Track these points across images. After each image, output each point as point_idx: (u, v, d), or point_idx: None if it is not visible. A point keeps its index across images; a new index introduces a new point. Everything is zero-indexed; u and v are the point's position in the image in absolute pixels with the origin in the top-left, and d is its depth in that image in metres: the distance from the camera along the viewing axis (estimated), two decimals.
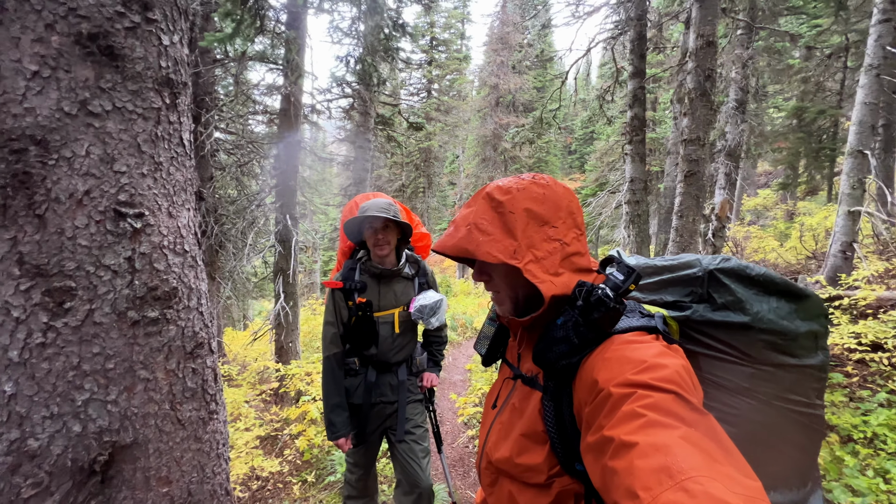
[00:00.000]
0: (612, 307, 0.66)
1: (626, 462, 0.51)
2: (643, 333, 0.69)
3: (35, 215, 0.94)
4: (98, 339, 1.01)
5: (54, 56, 0.93)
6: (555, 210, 0.77)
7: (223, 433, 1.34)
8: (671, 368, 0.59)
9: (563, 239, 0.76)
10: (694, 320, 0.80)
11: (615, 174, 13.99)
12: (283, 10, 4.23)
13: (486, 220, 0.76)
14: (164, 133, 1.13)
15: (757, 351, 0.74)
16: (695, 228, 4.20)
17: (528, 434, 0.75)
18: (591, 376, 0.64)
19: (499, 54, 20.71)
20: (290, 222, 4.84)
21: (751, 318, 0.75)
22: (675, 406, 0.54)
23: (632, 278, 0.68)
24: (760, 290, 0.77)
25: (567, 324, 0.69)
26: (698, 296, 0.80)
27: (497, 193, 0.77)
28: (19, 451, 0.93)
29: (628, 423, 0.54)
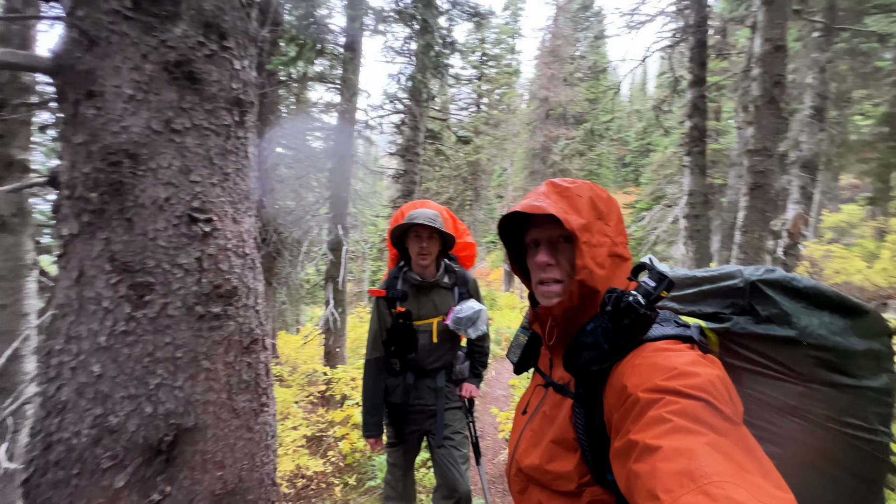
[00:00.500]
0: (642, 314, 0.65)
1: (648, 465, 0.50)
2: (677, 342, 0.67)
3: (125, 219, 1.08)
4: (170, 330, 1.12)
5: (146, 81, 1.08)
6: (610, 210, 0.79)
7: (272, 426, 1.43)
8: (703, 377, 0.57)
9: (614, 238, 0.77)
10: (735, 333, 0.76)
11: (672, 187, 13.28)
12: (341, 33, 4.53)
13: (552, 199, 0.78)
14: (233, 147, 1.25)
15: (806, 368, 0.69)
16: (761, 245, 3.89)
17: (558, 441, 0.74)
18: (621, 382, 0.64)
19: (549, 67, 20.58)
20: (342, 232, 5.07)
21: (798, 332, 0.70)
22: (705, 413, 0.53)
23: (663, 285, 0.67)
24: (809, 303, 0.72)
25: (597, 329, 0.69)
26: (740, 308, 0.77)
27: (561, 182, 0.81)
28: (101, 426, 1.06)
29: (654, 427, 0.53)
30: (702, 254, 6.73)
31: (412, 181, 7.85)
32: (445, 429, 1.88)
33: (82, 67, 1.05)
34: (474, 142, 13.08)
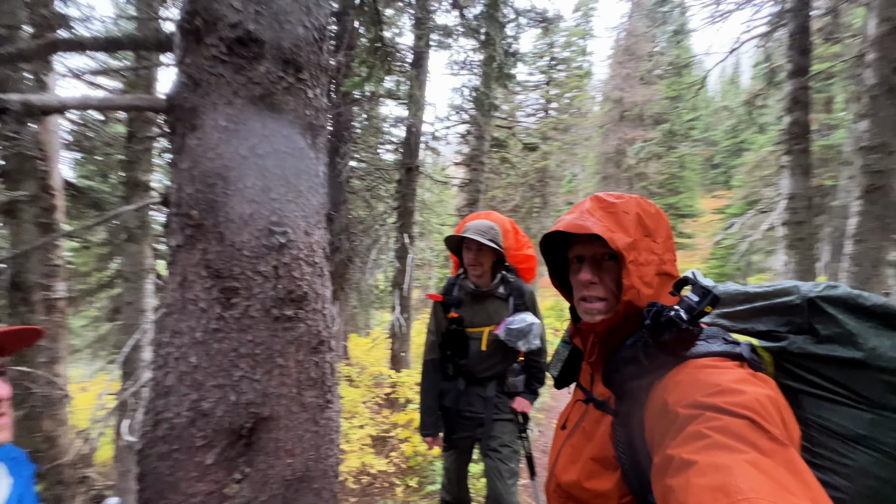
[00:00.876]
0: (683, 329, 0.63)
1: (682, 480, 0.49)
2: (724, 359, 0.64)
3: (217, 232, 1.25)
4: (251, 329, 1.28)
5: (236, 114, 1.25)
6: (658, 227, 0.77)
7: (336, 422, 1.55)
8: (750, 395, 0.54)
9: (662, 256, 0.75)
10: (791, 352, 0.70)
11: (770, 190, 11.83)
12: (408, 50, 4.77)
13: (597, 216, 0.76)
14: (305, 167, 1.39)
15: (878, 393, 0.62)
16: (880, 257, 3.34)
17: (597, 458, 0.73)
18: (662, 398, 0.62)
19: (624, 66, 19.59)
20: (408, 241, 5.28)
21: (865, 354, 0.63)
22: (748, 432, 0.50)
23: (707, 300, 0.64)
24: (879, 322, 0.65)
25: (636, 344, 0.68)
26: (797, 326, 0.71)
27: (608, 197, 0.79)
28: (196, 409, 1.23)
29: (691, 442, 0.52)
30: (806, 265, 5.91)
31: (477, 190, 7.93)
32: (493, 440, 1.88)
33: (188, 105, 1.25)
34: (541, 148, 12.85)
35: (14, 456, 0.85)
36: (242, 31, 1.25)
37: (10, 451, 0.84)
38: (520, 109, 19.57)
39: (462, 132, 8.33)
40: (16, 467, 0.81)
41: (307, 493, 1.40)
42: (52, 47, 1.15)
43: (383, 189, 7.07)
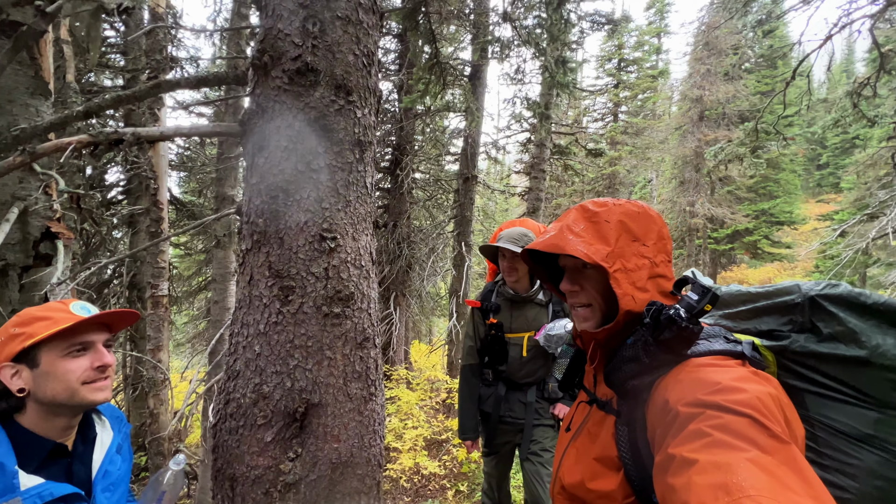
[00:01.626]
0: (683, 327, 0.63)
1: (684, 478, 0.50)
2: (725, 358, 0.64)
3: (279, 238, 1.44)
4: (304, 324, 1.44)
5: (296, 135, 1.44)
6: (647, 230, 0.76)
7: (380, 414, 1.66)
8: (751, 393, 0.54)
9: (653, 259, 0.75)
10: (793, 351, 0.69)
11: (886, 192, 10.16)
12: (466, 64, 4.92)
13: (580, 227, 0.78)
14: (354, 180, 1.54)
15: (883, 392, 0.61)
16: None
17: (601, 459, 0.74)
18: (663, 397, 0.63)
19: (703, 62, 18.16)
20: (465, 249, 5.38)
21: (868, 352, 0.62)
22: (749, 430, 0.50)
23: (707, 298, 0.64)
24: (882, 320, 0.63)
25: (637, 343, 0.68)
26: (799, 325, 0.70)
27: (591, 205, 0.80)
28: (258, 392, 1.41)
29: (692, 441, 0.52)
30: None
31: (538, 198, 7.82)
32: (534, 444, 1.87)
33: (257, 130, 1.46)
34: (608, 154, 12.31)
35: (117, 415, 1.06)
36: (301, 63, 1.44)
37: (113, 410, 1.05)
38: (587, 114, 18.95)
39: (522, 141, 8.31)
40: (117, 424, 1.02)
41: (351, 478, 1.52)
42: (156, 88, 1.42)
43: (443, 198, 7.28)
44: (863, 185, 13.40)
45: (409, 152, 6.19)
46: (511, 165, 11.74)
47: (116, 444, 0.97)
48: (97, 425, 0.96)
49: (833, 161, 23.48)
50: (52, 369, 0.81)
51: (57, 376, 0.81)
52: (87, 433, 0.93)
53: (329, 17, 1.46)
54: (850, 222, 6.80)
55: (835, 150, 23.63)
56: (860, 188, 13.68)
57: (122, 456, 0.99)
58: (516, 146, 8.78)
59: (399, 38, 5.01)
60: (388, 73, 6.30)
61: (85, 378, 0.83)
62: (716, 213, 17.24)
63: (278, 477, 1.41)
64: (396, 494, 3.57)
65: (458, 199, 5.63)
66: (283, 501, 1.41)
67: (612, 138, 17.07)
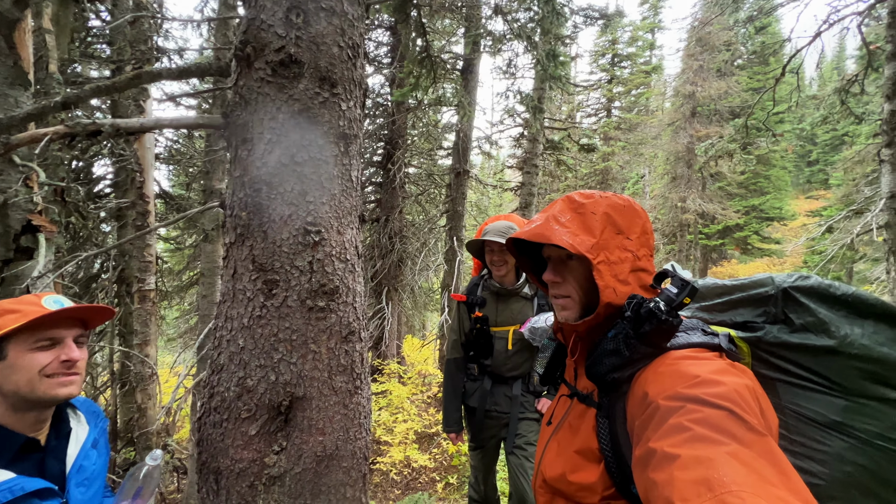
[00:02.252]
0: (663, 320, 0.64)
1: (666, 473, 0.50)
2: (703, 350, 0.65)
3: (262, 231, 1.43)
4: (289, 317, 1.44)
5: (279, 127, 1.42)
6: (631, 223, 0.77)
7: (365, 407, 1.67)
8: (728, 386, 0.55)
9: (636, 252, 0.76)
10: (767, 342, 0.70)
11: (873, 189, 10.32)
12: (458, 58, 4.89)
13: (566, 217, 0.79)
14: (339, 173, 1.54)
15: (850, 381, 0.63)
16: None
17: (582, 451, 0.75)
18: (643, 390, 0.64)
19: (696, 59, 18.22)
20: (457, 244, 5.38)
21: (837, 342, 0.64)
22: (727, 423, 0.51)
23: (686, 291, 0.65)
24: (850, 311, 0.65)
25: (618, 336, 0.69)
26: (772, 316, 0.71)
27: (578, 197, 0.81)
28: (242, 385, 1.41)
29: (673, 435, 0.53)
30: None
31: (530, 193, 7.84)
32: (519, 438, 1.89)
33: (240, 122, 1.44)
34: (601, 149, 12.35)
35: (94, 410, 1.05)
36: (285, 55, 1.42)
37: (90, 405, 1.05)
38: (580, 109, 18.96)
39: (515, 135, 8.31)
40: (93, 419, 1.01)
41: (336, 471, 1.53)
42: (137, 79, 1.40)
43: (436, 193, 7.27)
44: (850, 182, 13.60)
45: (401, 146, 6.16)
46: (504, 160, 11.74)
47: (92, 438, 0.96)
48: (72, 420, 0.95)
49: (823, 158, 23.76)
50: (17, 361, 0.80)
51: (20, 368, 0.80)
52: (61, 428, 0.92)
53: (313, 7, 1.45)
54: (836, 218, 6.91)
55: (824, 147, 23.92)
56: (848, 185, 13.89)
57: (99, 451, 0.98)
58: (509, 141, 8.77)
59: (391, 31, 4.96)
60: (380, 67, 6.24)
61: (49, 371, 0.83)
62: (707, 208, 17.40)
63: (263, 470, 1.42)
64: (387, 487, 3.60)
65: (450, 193, 5.62)
66: (268, 494, 1.42)
67: (606, 134, 17.11)
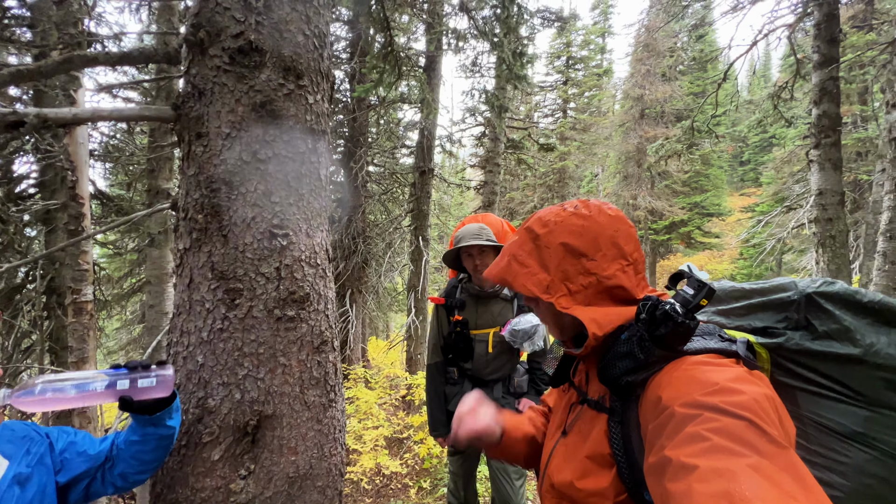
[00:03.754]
0: (679, 322, 0.61)
1: (684, 485, 0.48)
2: (720, 356, 0.62)
3: (222, 235, 1.30)
4: (254, 329, 1.32)
5: (239, 121, 1.30)
6: (593, 242, 0.74)
7: (340, 420, 1.57)
8: (748, 395, 0.53)
9: (601, 274, 0.73)
10: (788, 349, 0.69)
11: (801, 186, 11.34)
12: (420, 55, 4.81)
13: (525, 251, 0.78)
14: (307, 171, 1.43)
15: (874, 391, 0.62)
16: None
17: (592, 457, 0.72)
18: (657, 394, 0.61)
19: (644, 63, 19.19)
20: (422, 243, 5.31)
21: (862, 350, 0.63)
22: (748, 434, 0.49)
23: (703, 293, 0.63)
24: (876, 319, 0.64)
25: (632, 339, 0.66)
26: (794, 322, 0.70)
27: (536, 226, 0.79)
28: (202, 406, 1.27)
29: (691, 445, 0.50)
30: (838, 264, 5.62)
31: (493, 192, 7.89)
32: None
33: (194, 114, 1.30)
34: (559, 149, 12.71)
35: (23, 435, 0.89)
36: (244, 41, 1.29)
37: (15, 431, 0.88)
38: (537, 110, 19.41)
39: (477, 134, 8.34)
40: (21, 446, 0.85)
41: (311, 491, 1.43)
42: (68, 63, 1.22)
43: (399, 192, 7.14)
44: (780, 180, 14.84)
45: (362, 144, 5.99)
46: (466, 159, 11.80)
47: (13, 473, 0.82)
48: None
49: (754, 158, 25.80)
50: None
51: None
52: None
53: None
54: (772, 214, 7.50)
55: (755, 148, 25.99)
56: (777, 182, 15.14)
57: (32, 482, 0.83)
58: (471, 140, 8.80)
59: (350, 25, 4.80)
60: (339, 62, 6.03)
61: None
62: (656, 205, 18.40)
63: (228, 497, 1.29)
64: (357, 497, 3.48)
65: (414, 192, 5.54)
66: None
67: (562, 134, 17.63)
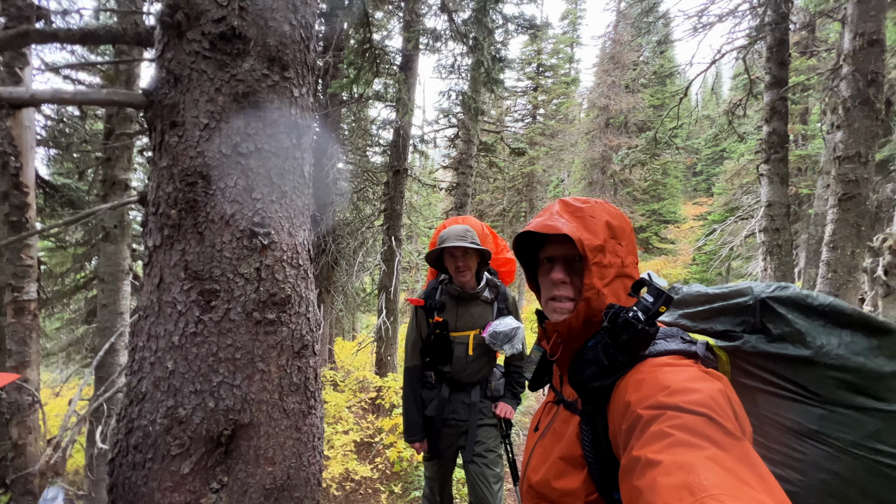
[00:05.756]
0: (640, 329, 0.65)
1: (648, 480, 0.50)
2: (680, 357, 0.67)
3: (198, 232, 1.21)
4: (231, 333, 1.24)
5: (219, 111, 1.22)
6: (623, 230, 0.80)
7: (319, 428, 1.51)
8: (704, 392, 0.57)
9: (625, 258, 0.78)
10: (745, 351, 0.73)
11: (750, 197, 12.15)
12: (397, 53, 4.75)
13: (566, 219, 0.78)
14: (290, 167, 1.36)
15: (827, 390, 0.66)
16: (854, 263, 3.44)
17: (565, 458, 0.75)
18: (624, 399, 0.64)
19: (609, 74, 19.94)
20: (395, 243, 5.24)
21: (813, 351, 0.67)
22: (706, 428, 0.52)
23: (661, 300, 0.66)
24: (827, 321, 0.68)
25: (597, 346, 0.70)
26: (751, 326, 0.74)
27: (574, 202, 0.81)
28: (172, 416, 1.18)
29: (655, 442, 0.54)
30: (784, 271, 6.07)
31: (465, 193, 7.93)
32: (478, 445, 1.87)
33: (168, 102, 1.21)
34: (528, 153, 12.97)
35: None
36: (227, 27, 1.22)
37: None
38: (508, 114, 19.71)
39: (450, 136, 8.35)
40: None
41: (288, 502, 1.36)
42: (23, 37, 1.09)
43: (371, 191, 7.02)
44: (730, 191, 15.81)
45: (334, 141, 5.84)
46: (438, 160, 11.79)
47: None
48: None
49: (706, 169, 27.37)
50: None
51: None
52: None
53: None
54: (726, 223, 7.96)
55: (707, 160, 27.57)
56: (728, 193, 16.13)
57: None
58: (444, 141, 8.80)
59: (325, 19, 4.66)
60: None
61: None
62: None
63: None
64: None
65: (387, 192, 5.46)
66: None
67: (531, 139, 17.99)
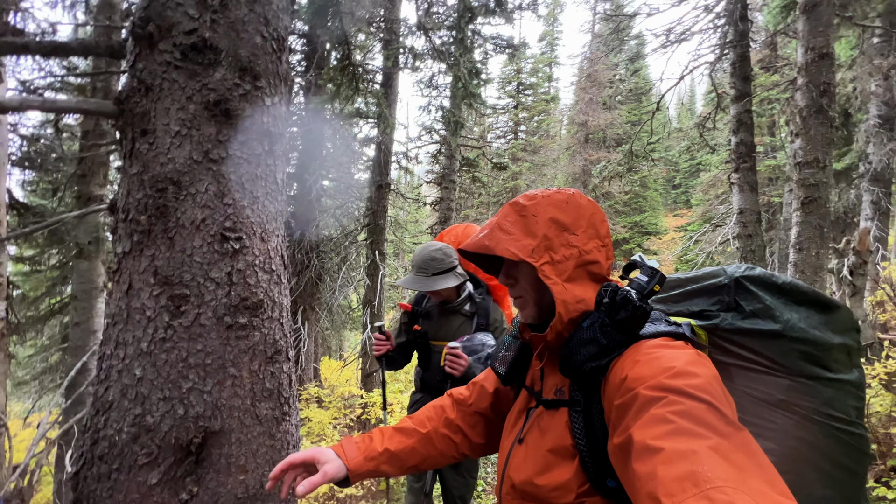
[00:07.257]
0: (638, 306, 0.66)
1: (649, 467, 0.50)
2: (671, 339, 0.68)
3: (168, 238, 1.22)
4: (202, 338, 1.23)
5: (190, 119, 1.24)
6: (576, 218, 0.78)
7: (294, 435, 1.49)
8: (704, 378, 0.57)
9: (582, 247, 0.76)
10: (723, 329, 0.77)
11: (725, 207, 12.55)
12: (378, 71, 4.86)
13: (509, 221, 0.79)
14: (262, 173, 1.39)
15: (792, 361, 0.70)
16: (819, 263, 3.58)
17: (555, 450, 0.73)
18: (620, 376, 0.64)
19: (587, 92, 20.58)
20: (378, 257, 5.25)
21: (782, 325, 0.71)
22: (708, 416, 0.52)
23: (656, 279, 0.69)
24: (788, 298, 0.74)
25: (594, 325, 0.70)
26: (725, 304, 0.78)
27: (522, 199, 0.81)
28: (139, 424, 1.16)
29: (656, 427, 0.53)
30: None
31: (449, 208, 8.01)
32: None
33: (139, 110, 1.23)
34: (511, 168, 13.22)
35: None
36: (198, 38, 1.25)
37: None
38: (490, 131, 20.13)
39: (433, 151, 8.48)
40: None
41: None
42: None
43: (354, 207, 7.05)
44: (707, 202, 16.30)
45: (317, 158, 5.88)
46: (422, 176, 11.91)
47: None
48: None
49: (684, 182, 28.18)
50: None
51: None
52: None
53: None
54: (701, 231, 8.18)
55: (685, 173, 28.43)
56: (705, 204, 16.61)
57: None
58: (427, 157, 8.93)
59: (306, 39, 4.76)
60: (294, 74, 5.93)
61: None
62: None
63: None
64: None
65: (370, 207, 5.49)
66: None
67: (514, 154, 18.37)
